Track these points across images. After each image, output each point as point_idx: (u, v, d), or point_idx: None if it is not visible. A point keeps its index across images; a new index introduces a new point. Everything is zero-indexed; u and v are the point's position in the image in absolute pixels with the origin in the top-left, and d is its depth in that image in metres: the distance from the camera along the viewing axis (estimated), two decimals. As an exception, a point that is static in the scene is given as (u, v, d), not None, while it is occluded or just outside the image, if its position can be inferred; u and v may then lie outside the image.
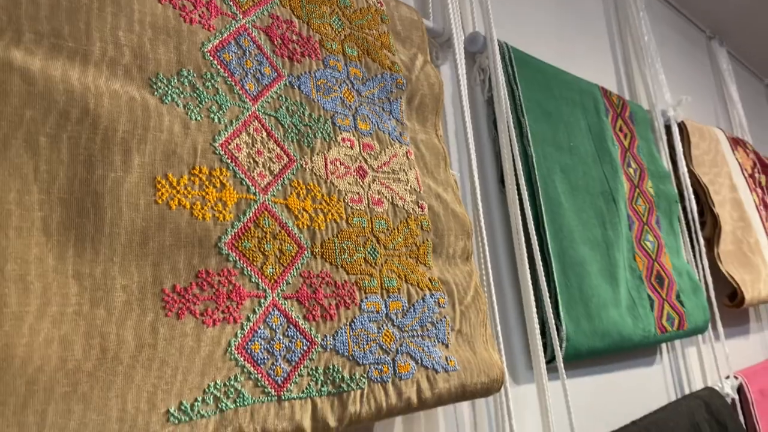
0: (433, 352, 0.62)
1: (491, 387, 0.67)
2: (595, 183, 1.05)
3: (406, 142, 0.69)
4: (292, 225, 0.54)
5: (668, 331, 1.09)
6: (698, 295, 1.21)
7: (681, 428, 1.04)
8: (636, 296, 1.05)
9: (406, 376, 0.59)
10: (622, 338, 0.97)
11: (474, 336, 0.67)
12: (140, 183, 0.46)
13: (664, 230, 1.21)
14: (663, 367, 1.21)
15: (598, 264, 0.98)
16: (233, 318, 0.48)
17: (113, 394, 0.41)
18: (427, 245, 0.66)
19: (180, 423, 0.44)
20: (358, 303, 0.58)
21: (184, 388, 0.44)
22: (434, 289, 0.65)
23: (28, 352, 0.38)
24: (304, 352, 0.52)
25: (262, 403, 0.48)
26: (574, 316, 0.89)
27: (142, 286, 0.44)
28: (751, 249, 1.45)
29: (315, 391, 0.52)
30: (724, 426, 1.14)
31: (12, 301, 0.38)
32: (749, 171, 1.64)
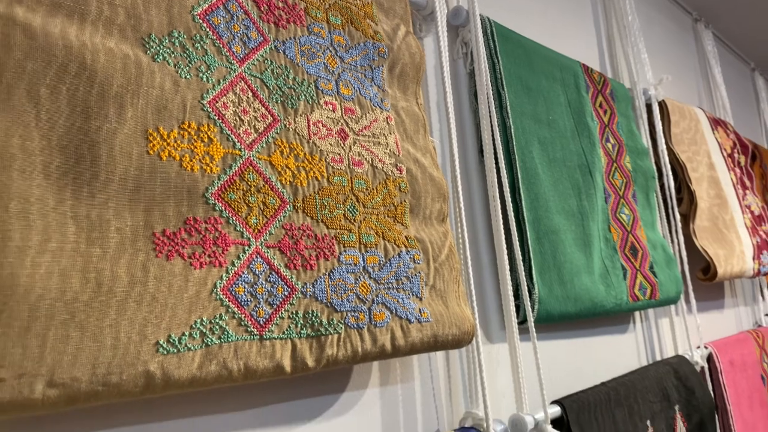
0: (407, 303, 0.66)
1: (462, 339, 0.72)
2: (573, 156, 1.09)
3: (387, 108, 0.72)
4: (276, 180, 0.58)
5: (640, 300, 1.14)
6: (671, 267, 1.26)
7: (649, 391, 1.09)
8: (609, 265, 1.10)
9: (380, 324, 0.63)
10: (594, 304, 1.01)
11: (447, 292, 0.72)
12: (133, 134, 0.49)
13: (640, 204, 1.25)
14: (636, 335, 1.27)
15: (573, 233, 1.03)
16: (219, 262, 0.52)
17: (107, 323, 0.45)
18: (404, 206, 0.70)
19: (168, 354, 0.48)
20: (337, 255, 0.62)
21: (173, 322, 0.48)
22: (410, 246, 0.69)
23: (30, 282, 0.42)
24: (285, 297, 0.56)
25: (245, 340, 0.53)
26: (547, 280, 0.94)
27: (134, 228, 0.48)
28: (726, 225, 1.50)
29: (295, 333, 0.56)
30: (692, 391, 1.19)
31: (15, 236, 0.42)
32: (728, 151, 1.68)
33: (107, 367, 0.44)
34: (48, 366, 0.42)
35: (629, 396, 1.03)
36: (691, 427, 1.16)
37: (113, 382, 0.45)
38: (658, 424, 1.08)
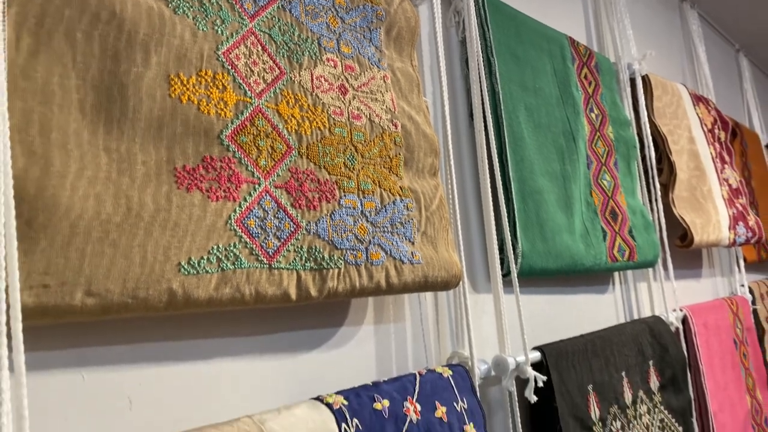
0: (400, 246, 0.72)
1: (450, 281, 0.78)
2: (557, 123, 1.15)
3: (384, 68, 0.78)
4: (282, 127, 0.64)
5: (619, 261, 1.21)
6: (650, 232, 1.33)
7: (625, 345, 1.16)
8: (590, 227, 1.16)
9: (376, 263, 0.69)
10: (574, 261, 1.08)
11: (437, 238, 0.78)
12: (157, 78, 0.55)
13: (622, 172, 1.32)
14: (614, 296, 1.34)
15: (555, 195, 1.09)
16: (233, 197, 0.58)
17: (136, 243, 0.51)
18: (399, 158, 0.76)
19: (189, 275, 0.54)
20: (337, 199, 0.68)
21: (192, 247, 0.54)
22: (404, 195, 0.75)
23: (69, 203, 0.48)
24: (291, 233, 0.62)
25: (256, 268, 0.59)
26: (530, 236, 1.00)
27: (158, 163, 0.54)
28: (704, 196, 1.57)
29: (300, 265, 0.62)
30: (666, 349, 1.27)
31: (56, 162, 0.48)
32: (709, 126, 1.75)
33: (136, 282, 0.50)
34: (86, 277, 0.48)
35: (606, 348, 1.10)
36: (664, 382, 1.24)
37: (141, 296, 0.51)
38: (633, 376, 1.15)
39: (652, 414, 1.18)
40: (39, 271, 0.46)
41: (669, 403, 1.23)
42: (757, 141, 2.34)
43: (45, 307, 0.46)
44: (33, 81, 0.48)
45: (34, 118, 0.47)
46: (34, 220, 0.46)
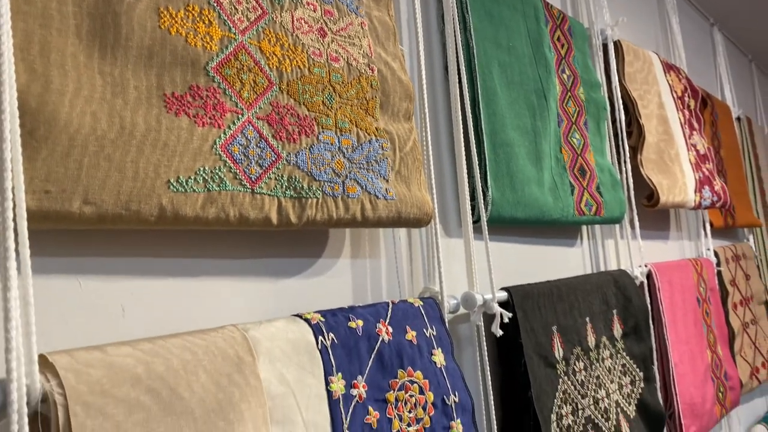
0: (375, 182, 0.78)
1: (422, 219, 0.83)
2: (529, 81, 1.20)
3: (362, 15, 0.82)
4: (264, 63, 0.68)
5: (586, 215, 1.27)
6: (617, 189, 1.39)
7: (590, 294, 1.23)
8: (558, 181, 1.22)
9: (353, 196, 0.74)
10: (542, 212, 1.14)
11: (410, 178, 0.83)
12: (148, 10, 0.59)
13: (591, 132, 1.38)
14: (582, 250, 1.41)
15: (526, 149, 1.15)
16: (218, 124, 0.63)
17: (129, 159, 0.55)
18: (375, 101, 0.81)
19: (177, 192, 0.58)
20: (316, 134, 0.72)
21: (181, 166, 0.59)
22: (379, 136, 0.80)
23: (68, 118, 0.52)
24: (273, 162, 0.67)
25: (239, 191, 0.63)
26: (500, 185, 1.06)
27: (149, 88, 0.58)
28: (672, 159, 1.64)
29: (280, 192, 0.67)
30: (629, 299, 1.34)
31: (56, 81, 0.52)
32: (679, 94, 1.81)
33: (129, 194, 0.55)
34: (83, 186, 0.52)
35: (570, 294, 1.17)
36: (627, 330, 1.31)
37: (133, 209, 0.55)
38: (596, 322, 1.22)
39: (614, 359, 1.25)
40: (41, 178, 0.50)
41: (631, 350, 1.30)
42: (728, 113, 2.41)
43: (46, 212, 0.51)
44: (33, 5, 0.52)
45: (34, 39, 0.52)
46: (36, 131, 0.50)
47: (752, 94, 3.13)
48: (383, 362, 0.74)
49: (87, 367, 0.49)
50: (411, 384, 0.76)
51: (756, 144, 2.78)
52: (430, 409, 0.78)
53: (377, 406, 0.71)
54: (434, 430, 0.77)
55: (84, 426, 0.47)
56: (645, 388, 1.32)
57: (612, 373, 1.23)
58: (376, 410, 0.71)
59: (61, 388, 0.47)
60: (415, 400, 0.76)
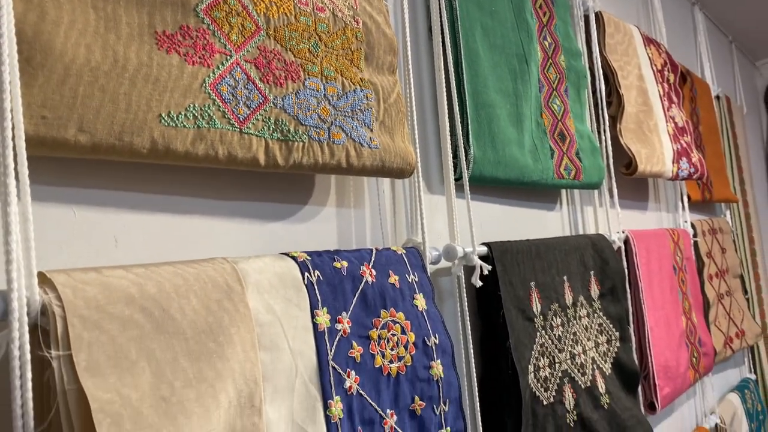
0: (360, 130, 0.80)
1: (405, 169, 0.86)
2: (511, 45, 1.23)
3: (347, -31, 0.85)
4: (252, 9, 0.70)
5: (565, 179, 1.31)
6: (596, 155, 1.43)
7: (568, 254, 1.27)
8: (539, 144, 1.26)
9: (338, 142, 0.77)
10: (522, 173, 1.17)
11: (394, 129, 0.86)
12: (139, -51, 0.61)
13: (572, 99, 1.41)
14: (561, 215, 1.44)
15: (507, 111, 1.18)
16: (207, 63, 0.65)
17: (122, 91, 0.57)
18: (360, 52, 0.83)
19: (168, 126, 0.61)
20: (302, 80, 0.75)
21: (171, 101, 0.61)
22: (364, 86, 0.83)
23: (63, 48, 0.54)
24: (260, 104, 0.70)
25: (228, 130, 0.66)
26: (481, 145, 1.09)
27: (140, 25, 0.60)
28: (650, 130, 1.68)
29: (268, 134, 0.70)
30: (606, 262, 1.38)
31: (51, 12, 0.54)
32: (659, 67, 1.85)
33: (122, 125, 0.57)
34: (78, 115, 0.54)
35: (549, 253, 1.20)
36: (603, 291, 1.35)
37: (126, 140, 0.58)
38: (574, 282, 1.26)
39: (591, 318, 1.29)
40: (38, 104, 0.52)
41: (607, 310, 1.35)
42: (707, 91, 2.45)
43: (43, 138, 0.53)
44: (28, -62, 0.54)
45: (29, -30, 0.53)
46: (33, 59, 0.52)
47: (732, 75, 3.18)
48: (367, 302, 0.77)
49: (83, 284, 0.51)
50: (393, 324, 0.79)
51: (735, 123, 2.83)
52: (412, 349, 0.81)
53: (361, 342, 0.74)
54: (415, 368, 0.81)
55: (81, 337, 0.49)
56: (620, 348, 1.37)
57: (588, 331, 1.27)
58: (359, 345, 0.74)
59: (59, 301, 0.49)
60: (397, 339, 0.79)
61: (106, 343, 0.51)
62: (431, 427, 0.81)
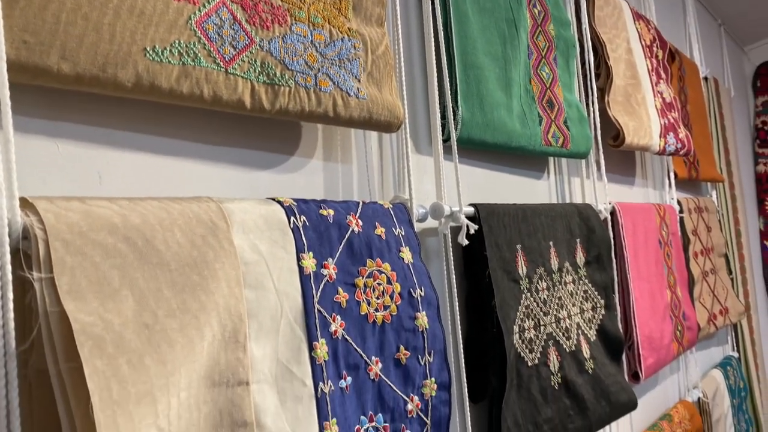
0: (347, 80, 0.80)
1: (392, 122, 0.86)
2: (501, 10, 1.23)
3: None
4: (239, -50, 0.70)
5: (552, 146, 1.31)
6: (584, 125, 1.43)
7: (555, 220, 1.27)
8: (527, 110, 1.26)
9: (324, 90, 0.77)
10: (510, 138, 1.18)
11: (381, 81, 0.86)
12: None
13: (560, 67, 1.41)
14: (548, 184, 1.45)
15: (496, 74, 1.18)
16: (193, 1, 0.64)
17: (106, 22, 0.57)
18: (348, 2, 0.83)
19: (153, 61, 0.60)
20: (289, 25, 0.74)
21: (156, 36, 0.60)
22: (352, 36, 0.82)
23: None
24: (246, 45, 0.69)
25: (213, 69, 0.65)
26: (470, 106, 1.09)
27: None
28: (638, 103, 1.69)
29: (254, 76, 0.69)
30: (593, 230, 1.39)
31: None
32: (647, 42, 1.85)
33: (105, 57, 0.57)
34: (61, 41, 0.54)
35: (535, 218, 1.21)
36: (589, 258, 1.36)
37: (110, 72, 0.57)
38: (560, 247, 1.27)
39: (576, 284, 1.30)
40: (19, 27, 0.52)
41: (593, 278, 1.36)
42: (695, 71, 2.47)
43: (25, 64, 0.52)
44: None
45: None
46: (14, -18, 0.52)
47: (720, 58, 3.20)
48: (353, 250, 0.77)
49: (66, 210, 0.51)
50: (379, 273, 0.79)
51: (722, 105, 2.85)
52: (397, 299, 0.81)
53: (347, 289, 0.75)
54: (401, 318, 0.81)
55: (64, 261, 0.49)
56: (605, 315, 1.38)
57: (574, 297, 1.28)
58: (345, 292, 0.74)
59: (41, 224, 0.49)
60: (383, 289, 0.80)
61: (88, 269, 0.50)
62: (416, 376, 0.82)
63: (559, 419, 1.15)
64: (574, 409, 1.19)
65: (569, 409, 1.18)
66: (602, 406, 1.26)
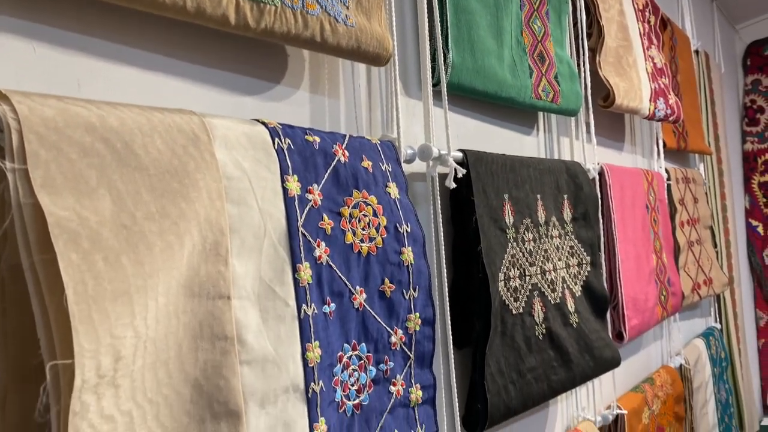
0: (335, 5, 0.78)
1: (381, 55, 0.85)
2: (494, -43, 1.21)
3: None
4: None
5: (542, 100, 1.30)
6: (574, 81, 1.42)
7: (542, 173, 1.26)
8: (518, 61, 1.25)
9: (312, 13, 0.75)
10: (500, 87, 1.16)
11: (371, 11, 0.84)
12: None
13: (552, 22, 1.40)
14: (538, 141, 1.44)
15: (487, 21, 1.16)
16: None
17: None
18: (337, -71, 0.81)
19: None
20: (276, -55, 0.72)
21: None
22: (340, -36, 0.80)
23: None
24: (232, -40, 0.67)
25: (198, -20, 0.63)
26: (461, 50, 1.07)
27: None
28: (629, 65, 1.68)
29: (238, -10, 0.67)
30: (580, 187, 1.38)
31: None
32: (640, 6, 1.84)
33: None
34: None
35: (523, 170, 1.20)
36: (576, 215, 1.36)
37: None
38: (547, 202, 1.27)
39: (562, 239, 1.30)
40: None
41: (579, 234, 1.36)
42: (687, 42, 2.46)
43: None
44: None
45: None
46: None
47: (712, 34, 3.19)
48: (339, 179, 0.76)
49: (42, 105, 0.49)
50: (365, 205, 0.78)
51: (712, 80, 2.85)
52: (383, 232, 0.80)
53: (332, 216, 0.74)
54: (386, 251, 0.80)
55: (38, 155, 0.48)
56: (591, 272, 1.38)
57: (560, 252, 1.28)
58: (330, 219, 0.73)
59: (15, 114, 0.47)
60: (369, 221, 0.79)
61: (64, 165, 0.49)
62: (400, 310, 0.81)
63: (543, 369, 1.15)
64: (557, 361, 1.19)
65: (553, 360, 1.19)
66: (586, 360, 1.26)
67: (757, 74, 3.63)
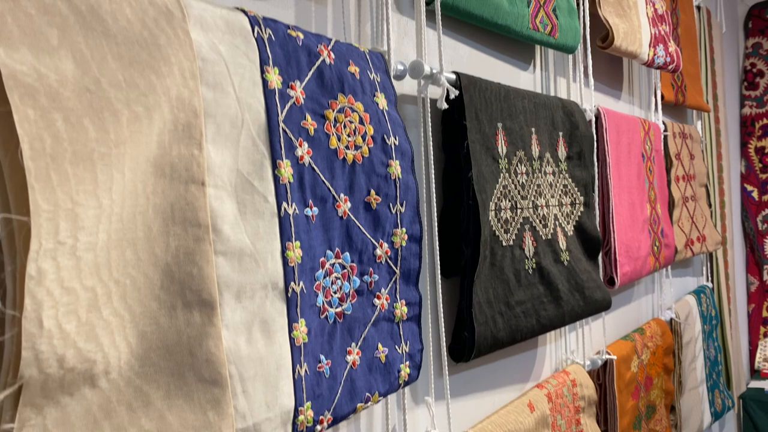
0: None
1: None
2: None
3: None
4: None
5: (540, 32, 1.26)
6: (573, 17, 1.38)
7: (538, 107, 1.23)
8: (515, -11, 1.20)
9: None
10: (496, 13, 1.12)
11: None
12: None
13: (552, -46, 1.35)
14: (534, 78, 1.40)
15: (485, -57, 1.12)
16: None
17: None
18: None
19: None
20: None
21: None
22: None
23: None
24: None
25: None
26: (455, -31, 1.03)
27: None
28: (630, 7, 1.63)
29: None
30: (576, 126, 1.35)
31: None
32: (643, -51, 1.79)
33: None
34: None
35: (518, 101, 1.17)
36: (571, 154, 1.33)
37: None
38: (542, 137, 1.23)
39: (556, 176, 1.27)
40: None
41: (573, 174, 1.33)
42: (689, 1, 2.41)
43: None
44: None
45: None
46: None
47: (714, -6, 3.13)
48: (323, 80, 0.72)
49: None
50: (351, 111, 0.75)
51: (713, 38, 2.80)
52: (370, 142, 0.77)
53: (315, 118, 0.70)
54: (373, 161, 0.77)
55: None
56: (584, 213, 1.35)
57: (553, 188, 1.25)
58: (314, 120, 0.70)
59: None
60: (355, 128, 0.75)
61: (21, 18, 0.45)
62: (386, 224, 0.78)
63: (532, 304, 1.13)
64: (547, 297, 1.17)
65: (543, 296, 1.17)
66: (576, 299, 1.24)
67: (758, 37, 3.58)
